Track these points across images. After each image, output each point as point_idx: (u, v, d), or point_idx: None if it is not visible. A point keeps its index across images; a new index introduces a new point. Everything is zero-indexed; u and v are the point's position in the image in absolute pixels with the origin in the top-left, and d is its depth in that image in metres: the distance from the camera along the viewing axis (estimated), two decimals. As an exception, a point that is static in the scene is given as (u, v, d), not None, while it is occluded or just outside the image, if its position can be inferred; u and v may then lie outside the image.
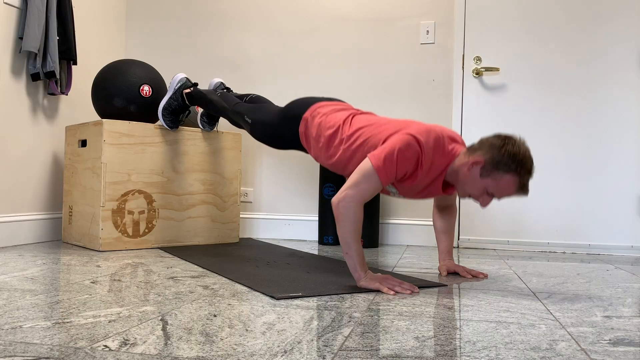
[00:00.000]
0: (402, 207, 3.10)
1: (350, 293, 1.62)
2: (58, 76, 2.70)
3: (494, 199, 1.70)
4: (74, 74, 3.03)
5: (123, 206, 2.53)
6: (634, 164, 2.84)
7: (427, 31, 3.07)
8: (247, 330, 1.19)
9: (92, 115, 3.21)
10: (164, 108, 2.61)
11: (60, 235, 2.92)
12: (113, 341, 1.08)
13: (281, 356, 1.01)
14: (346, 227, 1.66)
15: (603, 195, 2.87)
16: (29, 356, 0.98)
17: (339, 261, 2.30)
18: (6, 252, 2.36)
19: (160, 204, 2.65)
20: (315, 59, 3.22)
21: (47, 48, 2.64)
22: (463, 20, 3.03)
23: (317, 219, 3.18)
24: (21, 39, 2.59)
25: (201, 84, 3.36)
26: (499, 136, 1.70)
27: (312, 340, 1.12)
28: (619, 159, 2.86)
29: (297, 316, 1.32)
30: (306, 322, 1.26)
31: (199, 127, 2.80)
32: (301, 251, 2.61)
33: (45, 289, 1.58)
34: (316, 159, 2.07)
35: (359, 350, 1.06)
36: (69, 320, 1.23)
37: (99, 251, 2.45)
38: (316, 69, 3.22)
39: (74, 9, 3.01)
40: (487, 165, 1.67)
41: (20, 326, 1.18)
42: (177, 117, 2.66)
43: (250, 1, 3.33)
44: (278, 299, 1.52)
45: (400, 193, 1.85)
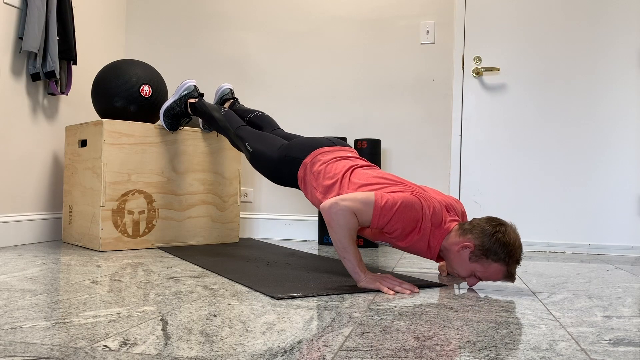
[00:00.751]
0: (402, 207, 3.09)
1: (350, 293, 1.62)
2: (58, 76, 2.70)
3: (480, 281, 1.72)
4: (74, 74, 3.03)
5: (123, 206, 2.53)
6: (634, 164, 2.84)
7: (427, 31, 3.07)
8: (247, 330, 1.19)
9: (92, 115, 3.21)
10: (167, 110, 2.59)
11: (60, 235, 2.92)
12: (113, 341, 1.08)
13: (281, 356, 1.01)
14: (341, 232, 1.66)
15: (603, 195, 2.87)
16: (29, 356, 0.98)
17: (339, 261, 2.30)
18: (6, 252, 2.36)
19: (160, 204, 2.65)
20: (315, 59, 3.22)
21: (47, 48, 2.64)
22: (463, 20, 3.03)
23: (317, 219, 3.18)
24: (21, 39, 2.59)
25: (201, 83, 3.36)
26: (490, 221, 1.70)
27: (312, 340, 1.12)
28: (619, 159, 2.86)
29: (297, 316, 1.32)
30: (306, 322, 1.26)
31: (200, 129, 2.80)
32: (301, 251, 2.61)
33: (45, 289, 1.58)
34: (312, 203, 2.07)
35: (359, 350, 1.06)
36: (69, 320, 1.23)
37: (99, 251, 2.45)
38: (316, 68, 3.22)
39: (74, 9, 3.01)
40: (476, 251, 1.67)
41: (20, 326, 1.18)
42: (177, 120, 2.64)
43: (251, 1, 3.33)
44: (278, 299, 1.52)
45: (394, 247, 1.86)
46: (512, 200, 2.96)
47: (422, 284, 1.77)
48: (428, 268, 2.19)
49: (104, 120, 2.49)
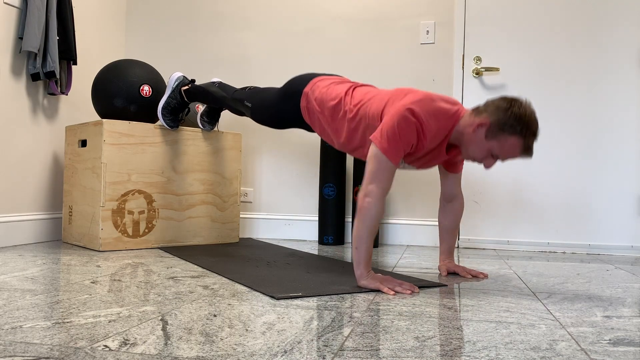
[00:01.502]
0: (402, 207, 3.10)
1: (350, 293, 1.62)
2: (58, 76, 2.70)
3: (498, 161, 1.70)
4: (74, 74, 3.03)
5: (123, 206, 2.53)
6: (634, 163, 2.84)
7: (427, 31, 3.07)
8: (247, 330, 1.19)
9: (92, 115, 3.21)
10: (163, 107, 2.61)
11: (60, 235, 2.92)
12: (113, 341, 1.08)
13: (281, 356, 1.01)
14: (366, 223, 1.67)
15: (603, 195, 2.87)
16: (29, 356, 0.98)
17: (339, 261, 2.30)
18: (6, 252, 2.36)
19: (160, 204, 2.65)
20: (315, 59, 3.22)
21: (47, 48, 2.64)
22: (463, 20, 3.03)
23: (317, 219, 3.18)
24: (21, 39, 2.59)
25: (201, 83, 3.36)
26: (504, 98, 1.70)
27: (312, 340, 1.12)
28: (619, 158, 2.86)
29: (297, 316, 1.32)
30: (306, 322, 1.26)
31: (199, 127, 2.80)
32: (301, 251, 2.61)
33: (45, 289, 1.58)
34: (322, 135, 2.06)
35: (359, 350, 1.06)
36: (69, 320, 1.23)
37: (99, 251, 2.45)
38: (316, 68, 3.22)
39: (74, 9, 3.01)
40: (492, 127, 1.66)
41: (20, 326, 1.18)
42: (176, 116, 2.66)
43: (250, 1, 3.33)
44: (278, 299, 1.52)
45: (407, 162, 1.85)
46: (512, 200, 2.96)
47: (422, 284, 1.77)
48: (428, 268, 2.19)
49: (104, 120, 2.49)
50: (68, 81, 2.86)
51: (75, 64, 2.86)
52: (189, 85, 2.59)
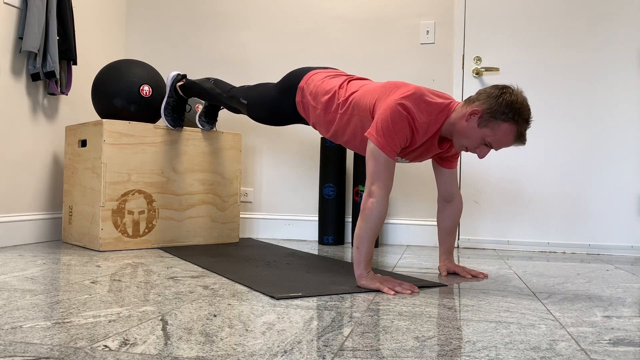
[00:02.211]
0: (402, 207, 3.10)
1: (350, 293, 1.62)
2: (58, 76, 2.70)
3: (492, 149, 1.70)
4: (74, 74, 3.03)
5: (123, 206, 2.53)
6: (634, 163, 2.84)
7: (427, 31, 3.07)
8: (247, 330, 1.19)
9: (92, 115, 3.21)
10: (165, 108, 2.64)
11: (60, 235, 2.92)
12: (113, 341, 1.08)
13: (281, 356, 1.01)
14: (369, 223, 1.67)
15: (603, 195, 2.87)
16: (29, 356, 0.98)
17: (339, 261, 2.30)
18: (6, 252, 2.36)
19: (160, 204, 2.65)
20: (315, 59, 3.22)
21: (47, 48, 2.64)
22: (463, 20, 3.03)
23: (317, 219, 3.18)
24: (21, 39, 2.59)
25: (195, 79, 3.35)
26: (496, 86, 1.71)
27: (312, 340, 1.12)
28: (619, 158, 2.86)
29: (297, 316, 1.32)
30: (306, 322, 1.26)
31: (198, 127, 2.80)
32: (301, 251, 2.61)
33: (45, 289, 1.58)
34: (315, 127, 2.06)
35: (359, 350, 1.06)
36: (69, 320, 1.23)
37: (99, 251, 2.45)
38: (316, 69, 3.22)
39: (74, 8, 3.01)
40: (484, 115, 1.67)
41: (20, 326, 1.18)
42: (179, 114, 2.66)
43: (250, 1, 3.33)
44: (278, 299, 1.52)
45: (400, 156, 1.86)
46: (512, 201, 2.96)
47: (422, 284, 1.77)
48: (428, 268, 2.19)
49: (104, 120, 2.49)
50: (68, 81, 2.86)
51: (75, 64, 2.86)
52: (183, 81, 2.60)
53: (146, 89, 2.66)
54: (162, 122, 2.74)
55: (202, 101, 2.80)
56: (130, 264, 2.10)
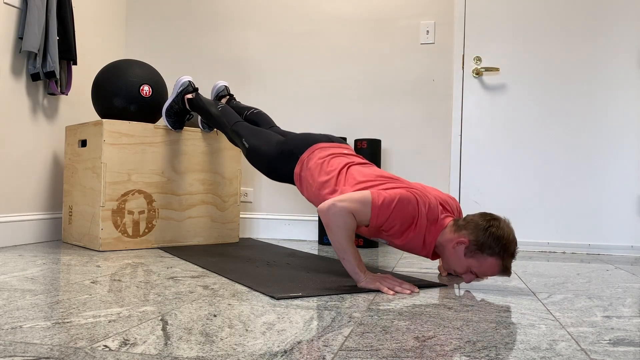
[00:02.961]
0: (402, 207, 3.09)
1: (350, 293, 1.62)
2: (58, 76, 2.70)
3: (477, 277, 1.72)
4: (74, 74, 3.03)
5: (123, 206, 2.53)
6: (634, 164, 2.84)
7: (427, 31, 3.07)
8: (247, 330, 1.19)
9: (92, 115, 3.21)
10: (167, 109, 2.62)
11: (60, 235, 2.92)
12: (113, 341, 1.08)
13: (281, 356, 1.01)
14: (339, 233, 1.66)
15: (603, 195, 2.87)
16: (29, 356, 0.98)
17: (338, 261, 2.30)
18: (6, 252, 2.36)
19: (160, 204, 2.65)
20: (315, 59, 3.22)
21: (47, 48, 2.64)
22: (463, 20, 3.03)
23: (317, 219, 3.18)
24: (21, 39, 2.59)
25: (201, 84, 3.36)
26: (484, 216, 1.70)
27: (312, 340, 1.12)
28: (619, 158, 2.86)
29: (297, 316, 1.32)
30: (306, 322, 1.26)
31: (199, 128, 2.80)
32: (301, 251, 2.61)
33: (45, 289, 1.58)
34: (308, 199, 2.06)
35: (359, 350, 1.06)
36: (69, 320, 1.23)
37: (99, 251, 2.45)
38: (316, 68, 3.22)
39: (74, 9, 3.01)
40: (471, 246, 1.67)
41: (20, 326, 1.18)
42: (180, 119, 2.66)
43: (251, 1, 3.33)
44: (278, 299, 1.52)
45: (390, 245, 1.86)
46: (512, 201, 2.96)
47: (422, 284, 1.77)
48: (428, 268, 2.19)
49: (104, 120, 2.49)
50: (68, 81, 2.86)
51: (75, 64, 2.86)
52: (193, 95, 2.57)
53: (146, 89, 2.66)
54: (162, 121, 2.74)
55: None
56: (130, 264, 2.10)
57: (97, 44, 3.25)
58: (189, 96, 2.58)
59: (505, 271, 1.68)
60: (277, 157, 2.11)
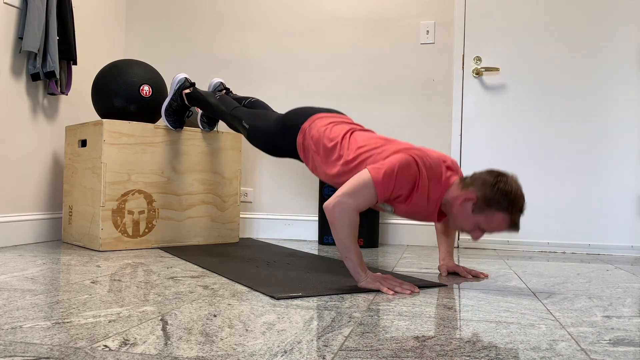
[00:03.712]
0: (402, 207, 3.09)
1: (350, 293, 1.62)
2: (58, 76, 2.70)
3: (486, 233, 1.72)
4: (74, 74, 3.03)
5: (123, 206, 2.53)
6: (634, 164, 2.84)
7: (427, 31, 3.07)
8: (247, 330, 1.19)
9: (92, 115, 3.21)
10: (166, 109, 2.63)
11: (60, 235, 2.92)
12: (113, 341, 1.08)
13: (281, 356, 1.01)
14: (344, 231, 1.66)
15: (603, 195, 2.87)
16: (29, 356, 0.98)
17: (339, 261, 2.30)
18: (6, 252, 2.36)
19: (160, 204, 2.65)
20: (315, 59, 3.22)
21: (47, 48, 2.64)
22: (463, 20, 3.03)
23: (317, 219, 3.18)
24: (21, 39, 2.59)
25: (201, 84, 3.36)
26: (491, 172, 1.70)
27: (312, 340, 1.12)
28: (619, 158, 2.86)
29: (297, 316, 1.32)
30: (306, 322, 1.26)
31: (199, 128, 2.80)
32: (301, 251, 2.61)
33: (45, 289, 1.58)
34: (313, 171, 2.06)
35: (359, 350, 1.06)
36: (69, 320, 1.23)
37: (99, 251, 2.45)
38: (316, 68, 3.22)
39: (74, 9, 3.01)
40: (479, 202, 1.67)
41: (20, 326, 1.18)
42: (179, 117, 2.67)
43: (250, 1, 3.33)
44: (278, 299, 1.52)
45: (395, 212, 1.85)
46: (512, 200, 2.96)
47: (422, 284, 1.77)
48: (428, 268, 2.19)
49: (104, 120, 2.49)
50: (68, 81, 2.86)
51: (75, 64, 2.86)
52: (191, 89, 2.60)
53: (146, 89, 2.66)
54: (163, 122, 2.74)
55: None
56: (130, 264, 2.10)
57: (97, 44, 3.25)
58: (187, 91, 2.60)
59: (514, 226, 1.68)
60: (279, 132, 2.12)
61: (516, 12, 2.98)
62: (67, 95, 2.94)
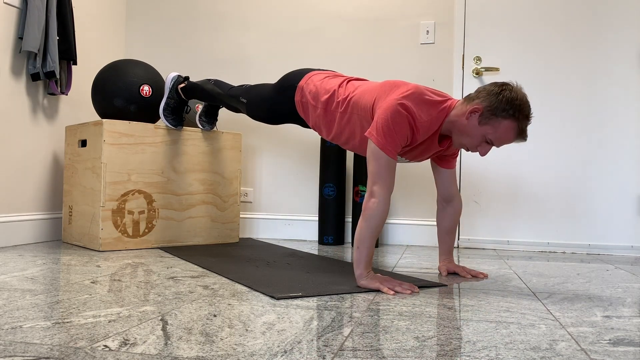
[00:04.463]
0: (402, 207, 3.10)
1: (350, 293, 1.62)
2: (58, 76, 2.70)
3: (493, 147, 1.71)
4: (74, 74, 3.03)
5: (123, 206, 2.53)
6: (634, 163, 2.84)
7: (427, 31, 3.07)
8: (247, 330, 1.19)
9: (92, 115, 3.21)
10: (164, 108, 2.64)
11: (60, 235, 2.92)
12: (113, 341, 1.08)
13: (281, 356, 1.01)
14: (370, 223, 1.67)
15: (603, 195, 2.87)
16: (29, 356, 0.98)
17: (339, 261, 2.30)
18: (6, 252, 2.36)
19: (160, 204, 2.65)
20: (315, 59, 3.22)
21: (47, 48, 2.64)
22: (463, 20, 3.03)
23: (317, 219, 3.18)
24: (21, 39, 2.59)
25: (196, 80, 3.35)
26: (495, 83, 1.71)
27: (312, 340, 1.12)
28: (619, 158, 2.86)
29: (297, 316, 1.32)
30: (306, 322, 1.26)
31: (198, 127, 2.80)
32: (301, 251, 2.61)
33: (45, 289, 1.58)
34: (315, 128, 2.06)
35: (359, 350, 1.06)
36: (69, 320, 1.23)
37: (99, 251, 2.45)
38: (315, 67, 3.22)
39: (74, 9, 3.01)
40: (485, 112, 1.67)
41: (20, 326, 1.18)
42: (179, 115, 2.67)
43: (250, 1, 3.33)
44: (278, 299, 1.52)
45: (400, 155, 1.86)
46: (512, 201, 2.96)
47: (422, 284, 1.77)
48: (428, 268, 2.19)
49: (104, 120, 2.49)
50: (68, 81, 2.86)
51: (75, 64, 2.86)
52: (185, 83, 2.61)
53: (146, 89, 2.66)
54: (162, 122, 2.74)
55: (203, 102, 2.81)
56: (130, 264, 2.10)
57: (97, 44, 3.25)
58: (182, 85, 2.61)
59: (521, 134, 1.68)
60: (275, 96, 2.13)
61: (516, 12, 2.98)
62: (67, 95, 2.94)
